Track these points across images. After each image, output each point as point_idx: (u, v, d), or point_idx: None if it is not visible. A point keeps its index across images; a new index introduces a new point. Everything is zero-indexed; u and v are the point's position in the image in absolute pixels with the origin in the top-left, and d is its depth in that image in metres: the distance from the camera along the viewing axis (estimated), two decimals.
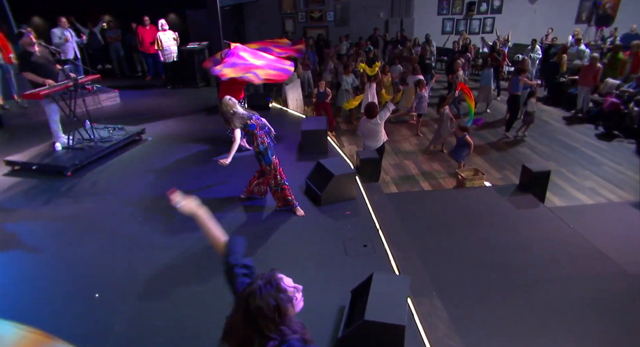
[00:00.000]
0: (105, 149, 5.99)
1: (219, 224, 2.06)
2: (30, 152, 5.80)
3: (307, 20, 16.06)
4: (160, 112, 8.40)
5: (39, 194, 5.07)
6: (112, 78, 11.82)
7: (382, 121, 6.05)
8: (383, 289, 2.86)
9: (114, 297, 3.37)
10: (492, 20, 16.74)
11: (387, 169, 7.53)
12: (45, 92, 5.32)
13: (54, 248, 4.02)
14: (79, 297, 3.37)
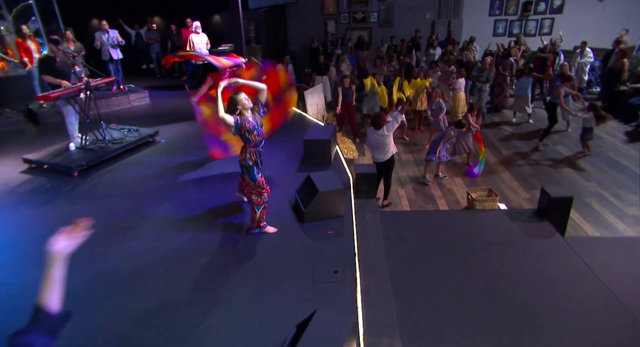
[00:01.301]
0: (115, 151, 6.13)
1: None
2: (46, 151, 6.07)
3: (350, 21, 15.74)
4: (183, 113, 8.51)
5: (41, 193, 5.28)
6: (152, 78, 12.31)
7: (390, 133, 5.70)
8: (321, 329, 2.58)
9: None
10: (550, 21, 15.46)
11: (404, 182, 7.11)
12: (55, 95, 5.53)
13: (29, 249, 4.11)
14: None
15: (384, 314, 3.28)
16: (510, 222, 4.73)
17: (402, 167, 7.66)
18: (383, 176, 6.19)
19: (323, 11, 15.68)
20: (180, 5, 12.43)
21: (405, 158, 8.06)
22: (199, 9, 11.92)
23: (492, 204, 5.33)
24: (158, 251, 4.03)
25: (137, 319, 3.19)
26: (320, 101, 8.44)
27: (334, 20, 15.81)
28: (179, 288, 3.51)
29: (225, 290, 3.47)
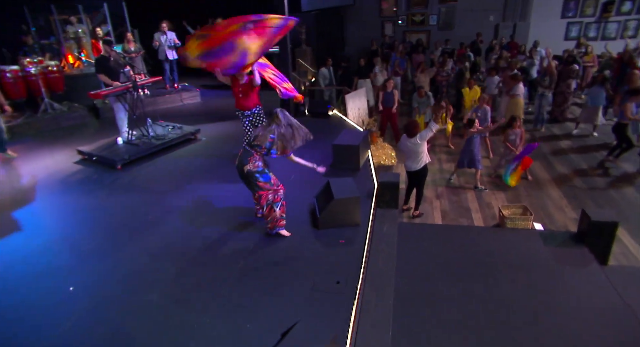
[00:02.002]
0: (156, 146, 6.49)
1: None
2: (98, 144, 6.58)
3: (408, 24, 15.41)
4: (229, 112, 8.83)
5: (87, 183, 5.72)
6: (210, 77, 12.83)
7: (423, 142, 5.49)
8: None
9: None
10: (637, 22, 14.04)
11: (441, 193, 6.81)
12: (105, 92, 5.97)
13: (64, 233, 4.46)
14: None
15: (378, 330, 3.15)
16: (542, 244, 4.35)
17: (441, 175, 7.35)
18: (415, 186, 5.98)
19: (381, 13, 15.49)
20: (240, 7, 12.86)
21: (446, 167, 7.72)
22: (260, 11, 12.23)
23: (525, 223, 4.94)
24: (173, 245, 4.20)
25: (137, 310, 3.35)
26: (362, 105, 8.32)
27: (392, 22, 15.55)
28: (182, 284, 3.62)
29: (225, 290, 3.53)
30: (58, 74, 8.30)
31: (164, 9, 13.57)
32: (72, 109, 8.45)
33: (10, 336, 3.09)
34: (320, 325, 3.10)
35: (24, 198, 5.36)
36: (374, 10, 15.41)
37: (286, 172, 5.69)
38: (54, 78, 8.25)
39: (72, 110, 8.41)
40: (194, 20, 13.12)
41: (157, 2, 12.35)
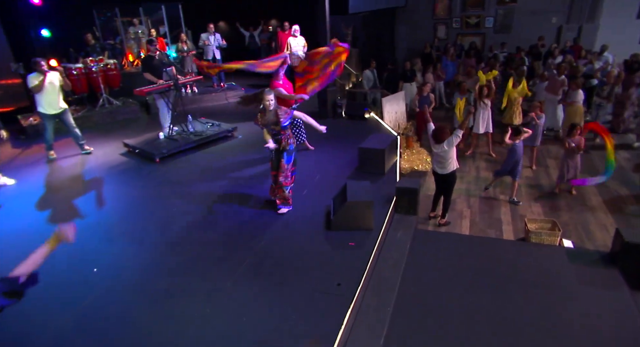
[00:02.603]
0: (194, 142, 6.83)
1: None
2: (142, 138, 7.04)
3: (462, 26, 14.89)
4: None
5: (128, 173, 6.16)
6: (258, 77, 13.23)
7: (450, 148, 5.33)
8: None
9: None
10: None
11: (473, 202, 6.55)
12: (147, 90, 6.39)
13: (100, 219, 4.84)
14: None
15: (371, 334, 3.13)
16: (567, 262, 4.07)
17: (476, 184, 7.07)
18: (442, 193, 5.82)
19: (434, 15, 15.11)
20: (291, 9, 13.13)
21: (484, 175, 7.41)
22: (310, 12, 12.40)
23: (551, 238, 4.63)
24: (190, 237, 4.42)
25: (147, 295, 3.57)
26: (399, 109, 8.19)
27: (445, 25, 15.12)
28: (191, 275, 3.81)
29: (230, 283, 3.66)
30: (115, 72, 8.97)
31: (218, 11, 14.21)
32: (126, 104, 9.08)
33: (38, 304, 3.40)
34: (313, 324, 3.14)
35: (71, 184, 5.88)
36: (427, 12, 15.07)
37: (311, 172, 5.80)
38: (112, 75, 8.93)
39: (126, 106, 9.05)
40: (247, 22, 13.64)
41: (211, 4, 12.92)
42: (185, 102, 9.51)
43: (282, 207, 4.77)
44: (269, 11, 14.32)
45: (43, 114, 6.34)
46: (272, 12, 14.30)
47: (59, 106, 6.36)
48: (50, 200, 5.40)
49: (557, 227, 4.77)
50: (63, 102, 6.44)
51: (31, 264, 2.06)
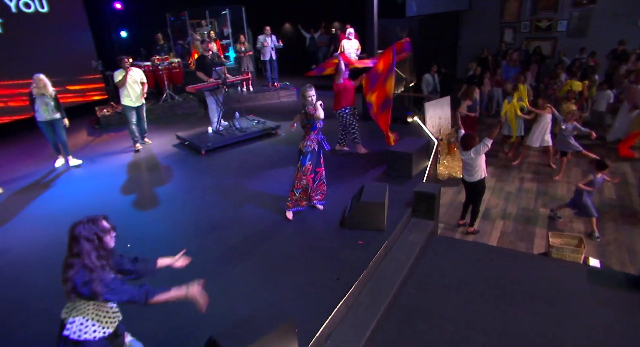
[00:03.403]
0: (238, 137, 7.28)
1: None
2: (193, 131, 7.64)
3: (532, 30, 14.11)
4: None
5: (176, 163, 6.75)
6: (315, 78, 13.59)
7: (477, 156, 5.24)
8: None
9: None
10: None
11: (509, 213, 6.30)
12: (198, 87, 6.93)
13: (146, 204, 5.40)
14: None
15: (356, 331, 3.25)
16: (586, 280, 3.85)
17: (516, 195, 6.78)
18: (471, 201, 5.71)
19: (501, 19, 14.48)
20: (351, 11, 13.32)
21: (527, 187, 7.07)
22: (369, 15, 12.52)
23: (574, 255, 4.35)
24: (217, 224, 4.80)
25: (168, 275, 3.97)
26: (443, 114, 8.04)
27: (513, 28, 14.43)
28: (208, 258, 4.15)
29: (238, 269, 3.95)
30: (179, 70, 9.76)
31: (282, 14, 14.77)
32: (186, 100, 9.85)
33: None
34: (301, 312, 3.31)
35: (126, 169, 6.58)
36: (494, 15, 14.47)
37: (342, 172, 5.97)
38: (175, 73, 9.73)
39: (186, 101, 9.81)
40: (309, 24, 14.04)
41: (274, 7, 13.50)
42: (241, 99, 10.14)
43: (287, 209, 4.76)
44: (331, 14, 14.61)
45: (125, 106, 7.05)
46: (335, 14, 14.58)
47: (139, 100, 7.02)
48: (105, 181, 6.10)
49: (583, 245, 4.50)
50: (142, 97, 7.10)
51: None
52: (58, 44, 9.14)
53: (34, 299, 3.63)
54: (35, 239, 4.61)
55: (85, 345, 2.22)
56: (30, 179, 6.31)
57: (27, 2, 8.66)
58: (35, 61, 8.32)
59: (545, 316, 3.55)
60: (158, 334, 3.18)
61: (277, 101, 10.44)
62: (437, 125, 7.91)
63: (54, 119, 6.42)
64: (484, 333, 3.37)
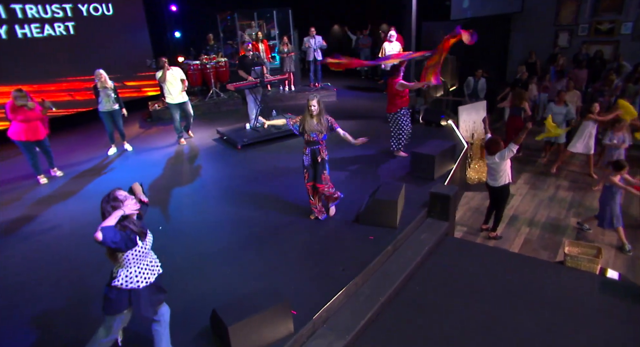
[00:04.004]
0: (272, 134, 7.64)
1: None
2: (232, 127, 8.11)
3: (590, 33, 13.38)
4: (351, 112, 9.58)
5: (214, 155, 7.24)
6: (357, 79, 13.77)
7: (502, 161, 5.22)
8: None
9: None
10: None
11: (537, 221, 6.15)
12: (236, 85, 7.36)
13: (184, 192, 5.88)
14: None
15: (353, 318, 3.43)
16: (597, 290, 3.77)
17: (548, 204, 6.59)
18: (495, 205, 5.67)
19: (556, 21, 13.85)
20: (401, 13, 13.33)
21: (562, 195, 6.85)
22: (421, 18, 12.51)
23: (589, 264, 4.23)
24: (242, 211, 5.15)
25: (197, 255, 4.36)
26: (479, 119, 7.90)
27: (569, 31, 13.76)
28: (230, 242, 4.51)
29: (253, 252, 4.26)
30: (225, 69, 10.32)
31: (331, 15, 15.06)
32: (231, 98, 10.39)
33: None
34: (303, 296, 3.55)
35: (168, 158, 7.15)
36: (548, 17, 13.87)
37: (368, 171, 6.14)
38: (222, 71, 10.30)
39: (230, 98, 10.35)
40: (357, 26, 14.23)
41: (322, 9, 13.81)
42: (282, 98, 10.54)
43: (332, 205, 4.90)
44: (379, 16, 14.70)
45: (169, 103, 7.61)
46: (382, 16, 14.65)
47: (179, 97, 7.52)
48: (149, 169, 6.68)
49: (601, 255, 4.36)
50: (184, 94, 7.57)
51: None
52: (119, 43, 9.99)
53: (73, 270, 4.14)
54: (81, 217, 5.19)
55: (132, 293, 2.63)
56: (86, 165, 7.02)
57: (96, 6, 9.55)
58: (98, 59, 9.15)
59: (546, 321, 3.54)
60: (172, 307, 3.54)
61: None
62: (471, 129, 7.82)
63: (114, 109, 7.12)
64: (480, 332, 3.43)
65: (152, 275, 2.72)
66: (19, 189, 6.19)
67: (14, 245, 4.70)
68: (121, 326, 2.82)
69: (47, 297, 3.75)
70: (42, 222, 5.17)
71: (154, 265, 2.76)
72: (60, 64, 9.12)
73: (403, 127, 6.49)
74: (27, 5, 8.50)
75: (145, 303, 2.65)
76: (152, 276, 2.71)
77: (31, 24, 8.62)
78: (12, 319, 3.51)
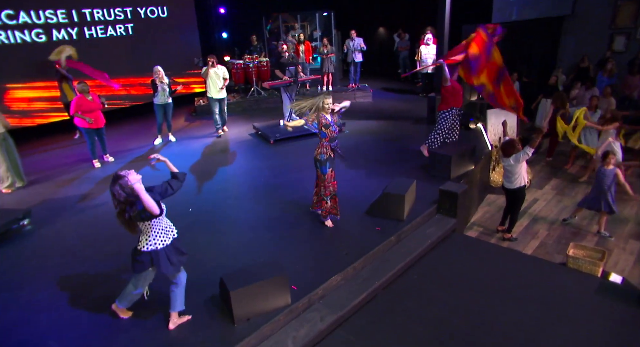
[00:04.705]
0: (304, 131, 8.06)
1: None
2: (266, 123, 8.63)
3: None
4: (383, 112, 9.84)
5: (248, 148, 7.79)
6: (396, 81, 13.91)
7: (517, 163, 5.31)
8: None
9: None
10: None
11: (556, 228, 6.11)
12: (271, 84, 7.86)
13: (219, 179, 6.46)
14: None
15: (347, 297, 3.76)
16: (593, 291, 3.83)
17: (572, 210, 6.51)
18: (510, 207, 5.74)
19: (612, 24, 13.25)
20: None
21: None
22: (462, 21, 12.48)
23: (590, 267, 4.23)
24: (263, 199, 5.62)
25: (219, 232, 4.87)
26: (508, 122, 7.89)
27: (626, 35, 13.11)
28: (249, 219, 4.98)
29: (267, 235, 4.69)
30: (266, 68, 10.91)
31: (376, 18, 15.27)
32: (270, 96, 10.96)
33: None
34: (305, 276, 3.92)
35: (207, 149, 7.80)
36: (603, 20, 13.30)
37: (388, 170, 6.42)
38: (263, 70, 10.90)
39: (270, 96, 10.92)
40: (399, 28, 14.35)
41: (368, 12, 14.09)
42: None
43: (323, 219, 4.79)
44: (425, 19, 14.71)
45: (209, 97, 8.30)
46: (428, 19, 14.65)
47: (220, 93, 8.16)
48: (189, 157, 7.34)
49: (605, 258, 4.37)
50: (223, 91, 8.20)
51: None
52: (171, 43, 10.85)
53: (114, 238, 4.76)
54: None
55: (152, 254, 3.13)
56: (134, 153, 7.80)
57: (153, 9, 10.46)
58: (152, 57, 10.03)
59: (534, 316, 3.68)
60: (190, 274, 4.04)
61: (353, 101, 11.01)
62: (500, 132, 7.81)
63: (167, 103, 7.89)
64: (466, 321, 3.64)
65: (168, 238, 3.19)
66: (77, 171, 7.04)
67: (70, 216, 5.45)
68: (147, 283, 3.34)
69: (91, 258, 4.40)
70: (93, 199, 5.91)
71: (169, 229, 3.23)
72: (119, 61, 10.09)
73: (451, 126, 6.61)
74: (94, 9, 9.52)
75: (164, 262, 3.13)
76: (168, 239, 3.19)
77: (97, 26, 9.63)
78: (64, 274, 4.16)
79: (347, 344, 3.44)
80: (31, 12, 8.62)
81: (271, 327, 3.37)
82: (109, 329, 3.40)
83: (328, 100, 4.67)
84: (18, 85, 8.73)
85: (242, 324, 3.34)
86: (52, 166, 7.30)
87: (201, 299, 3.65)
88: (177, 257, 3.24)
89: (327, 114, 4.67)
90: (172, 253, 3.20)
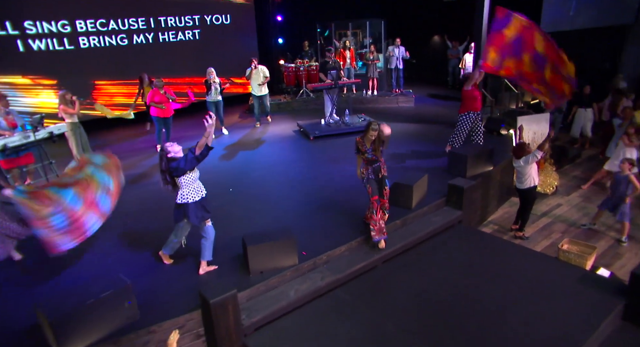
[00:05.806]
0: (343, 130, 8.78)
1: None
2: (309, 121, 9.45)
3: None
4: (422, 116, 10.27)
5: (290, 143, 8.67)
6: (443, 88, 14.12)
7: (526, 165, 5.67)
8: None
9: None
10: None
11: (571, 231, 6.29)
12: (313, 86, 8.67)
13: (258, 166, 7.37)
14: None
15: (348, 264, 4.42)
16: (576, 280, 4.16)
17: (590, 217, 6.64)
18: (522, 207, 6.06)
19: None
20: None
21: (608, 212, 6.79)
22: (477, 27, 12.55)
23: (579, 260, 4.48)
24: (296, 187, 6.43)
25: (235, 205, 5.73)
26: (538, 130, 8.02)
27: None
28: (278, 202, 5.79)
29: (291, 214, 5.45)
30: (316, 72, 11.75)
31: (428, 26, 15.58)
32: (318, 97, 11.75)
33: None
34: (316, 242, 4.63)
35: (253, 142, 8.78)
36: None
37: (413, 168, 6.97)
38: (313, 74, 11.77)
39: (318, 98, 11.72)
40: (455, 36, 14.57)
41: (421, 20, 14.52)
42: (363, 101, 11.62)
43: (374, 238, 4.70)
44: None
45: (252, 94, 9.38)
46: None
47: (260, 91, 9.23)
48: (236, 147, 8.34)
49: (593, 253, 4.61)
50: (264, 89, 9.28)
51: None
52: (232, 47, 12.05)
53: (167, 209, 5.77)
54: None
55: (185, 206, 4.01)
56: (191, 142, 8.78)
57: (217, 16, 11.74)
58: (214, 60, 11.25)
59: (514, 295, 4.09)
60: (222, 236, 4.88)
61: (395, 106, 11.58)
62: (531, 139, 8.00)
63: (218, 100, 9.00)
64: (452, 294, 4.14)
65: (198, 196, 4.03)
66: (142, 155, 8.31)
67: (133, 190, 6.55)
68: (184, 233, 4.23)
69: (146, 220, 5.46)
70: (152, 178, 7.03)
71: (200, 190, 4.08)
72: (186, 62, 11.43)
73: (473, 128, 7.03)
74: (169, 17, 10.93)
75: (192, 214, 3.99)
76: (198, 196, 4.03)
77: (169, 32, 11.04)
78: (125, 230, 5.22)
79: (341, 301, 4.09)
80: (118, 20, 10.16)
81: (278, 280, 4.13)
82: (155, 269, 4.36)
83: (373, 133, 4.67)
84: (103, 82, 10.30)
85: (256, 275, 4.13)
86: (123, 150, 8.63)
87: (228, 257, 4.50)
88: (202, 212, 4.08)
89: (368, 142, 4.75)
90: (199, 208, 4.05)
